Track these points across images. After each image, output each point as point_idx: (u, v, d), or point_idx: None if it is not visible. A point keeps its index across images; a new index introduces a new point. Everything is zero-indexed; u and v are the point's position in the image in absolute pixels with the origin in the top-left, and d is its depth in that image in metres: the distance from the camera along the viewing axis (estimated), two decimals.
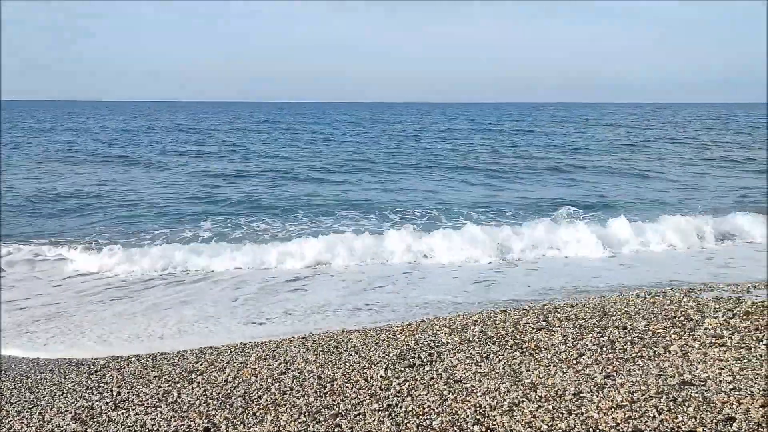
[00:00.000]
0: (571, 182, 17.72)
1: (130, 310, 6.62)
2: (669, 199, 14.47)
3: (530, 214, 12.18)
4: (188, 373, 4.57)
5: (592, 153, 25.61)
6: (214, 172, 19.46)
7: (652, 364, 4.27)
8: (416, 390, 3.98)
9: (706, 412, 3.41)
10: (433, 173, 19.50)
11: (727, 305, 5.55)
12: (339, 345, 5.03)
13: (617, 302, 5.85)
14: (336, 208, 13.15)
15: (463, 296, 6.92)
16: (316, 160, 23.05)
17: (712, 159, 23.04)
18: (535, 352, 4.59)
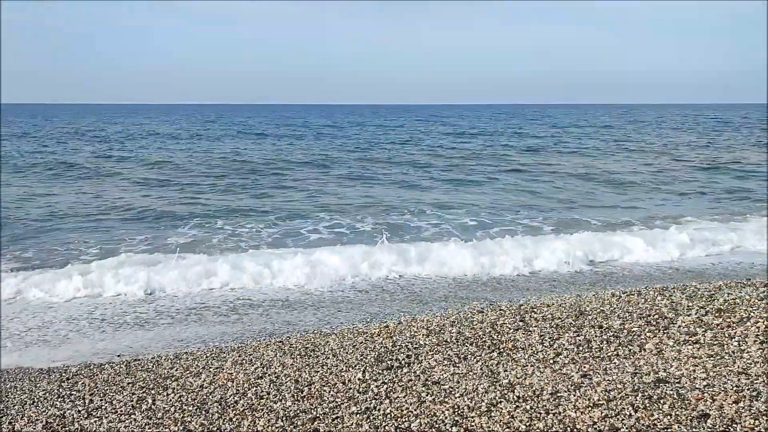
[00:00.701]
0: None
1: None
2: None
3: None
4: (163, 379, 4.50)
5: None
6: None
7: (627, 362, 4.31)
8: (394, 392, 3.96)
9: (681, 409, 3.45)
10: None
11: (700, 303, 5.63)
12: (316, 348, 4.99)
13: (593, 301, 5.90)
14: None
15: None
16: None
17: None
18: (513, 352, 4.61)
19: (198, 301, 7.15)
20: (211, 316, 6.56)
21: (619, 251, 9.38)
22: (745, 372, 3.96)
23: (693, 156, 25.46)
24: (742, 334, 4.78)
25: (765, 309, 5.33)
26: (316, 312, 6.56)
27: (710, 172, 20.79)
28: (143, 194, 15.63)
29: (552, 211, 13.52)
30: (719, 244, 10.02)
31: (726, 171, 20.78)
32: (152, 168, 21.34)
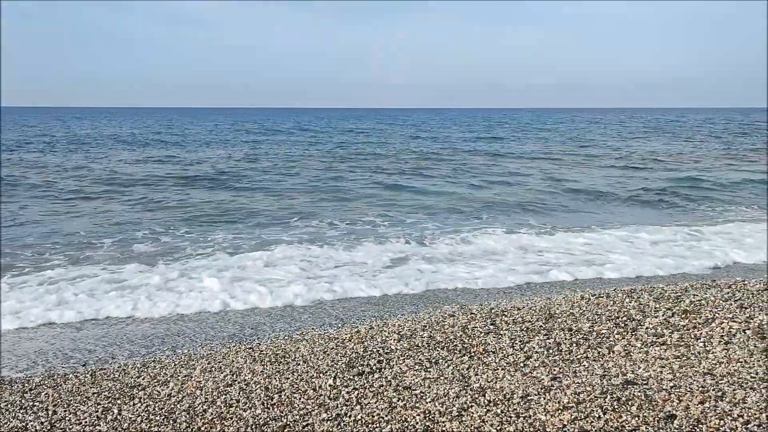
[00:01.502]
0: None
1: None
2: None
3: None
4: (129, 388, 4.41)
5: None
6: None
7: (596, 364, 4.35)
8: (365, 398, 3.94)
9: (649, 410, 3.49)
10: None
11: (667, 304, 5.71)
12: (287, 354, 4.95)
13: (563, 304, 5.95)
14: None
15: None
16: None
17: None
18: (483, 356, 4.62)
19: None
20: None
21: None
22: (710, 372, 4.03)
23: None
24: (707, 335, 4.86)
25: (729, 310, 5.43)
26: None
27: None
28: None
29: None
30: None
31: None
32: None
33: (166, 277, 7.90)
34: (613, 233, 10.89)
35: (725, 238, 10.52)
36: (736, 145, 33.09)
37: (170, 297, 7.07)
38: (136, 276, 8.02)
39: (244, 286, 7.46)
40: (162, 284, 7.59)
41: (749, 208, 14.18)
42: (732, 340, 4.73)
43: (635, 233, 10.83)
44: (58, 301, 6.92)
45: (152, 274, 8.07)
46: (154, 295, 7.17)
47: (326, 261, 8.84)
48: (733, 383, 3.80)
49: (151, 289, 7.39)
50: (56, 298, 7.00)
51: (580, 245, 9.91)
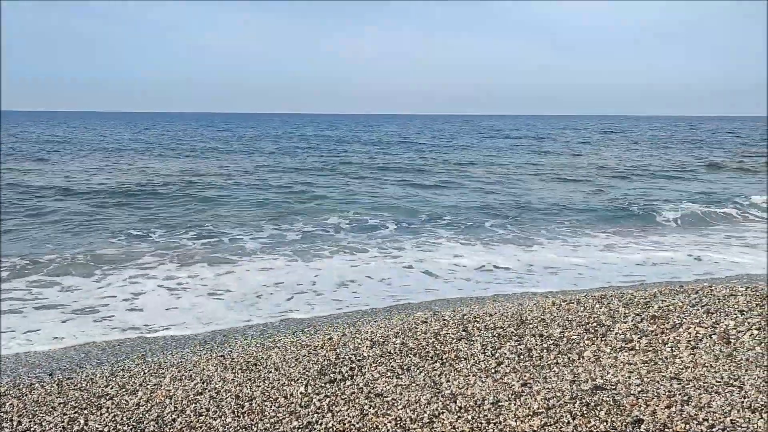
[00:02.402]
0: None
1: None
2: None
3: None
4: (97, 398, 4.33)
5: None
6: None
7: (566, 370, 4.39)
8: (337, 406, 3.93)
9: (617, 415, 3.53)
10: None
11: (636, 310, 5.79)
12: (258, 362, 4.91)
13: (534, 310, 6.00)
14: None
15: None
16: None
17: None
18: (455, 362, 4.63)
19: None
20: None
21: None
22: (677, 377, 4.10)
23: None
24: (674, 340, 4.94)
25: (696, 315, 5.53)
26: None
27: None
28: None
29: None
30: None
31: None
32: None
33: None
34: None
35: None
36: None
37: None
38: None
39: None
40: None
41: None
42: (698, 345, 4.81)
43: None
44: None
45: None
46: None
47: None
48: (698, 387, 3.86)
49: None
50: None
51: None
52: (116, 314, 7.05)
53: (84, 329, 6.51)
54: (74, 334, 6.34)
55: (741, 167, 27.04)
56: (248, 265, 9.46)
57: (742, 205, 15.86)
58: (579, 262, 9.95)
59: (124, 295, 7.83)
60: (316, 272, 9.13)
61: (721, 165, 27.66)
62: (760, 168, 26.84)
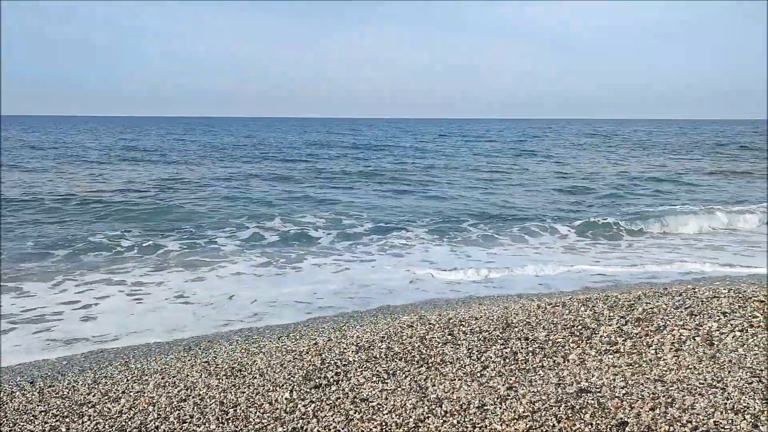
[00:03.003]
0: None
1: None
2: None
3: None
4: (79, 405, 4.28)
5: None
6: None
7: (552, 373, 4.40)
8: (322, 411, 3.91)
9: (602, 417, 3.54)
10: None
11: (621, 312, 5.82)
12: (243, 368, 4.87)
13: (519, 313, 6.01)
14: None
15: None
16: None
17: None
18: (441, 366, 4.63)
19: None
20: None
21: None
22: (660, 379, 4.11)
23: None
24: (658, 342, 4.97)
25: (680, 317, 5.56)
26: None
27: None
28: None
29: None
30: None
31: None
32: None
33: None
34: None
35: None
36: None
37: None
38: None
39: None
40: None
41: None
42: (682, 347, 4.84)
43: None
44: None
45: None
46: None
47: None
48: (682, 389, 3.88)
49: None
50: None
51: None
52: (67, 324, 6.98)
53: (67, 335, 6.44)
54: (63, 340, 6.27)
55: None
56: (229, 268, 9.41)
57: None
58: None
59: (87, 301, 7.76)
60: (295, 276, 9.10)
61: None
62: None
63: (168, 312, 7.28)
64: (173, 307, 7.48)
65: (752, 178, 24.36)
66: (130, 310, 7.34)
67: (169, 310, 7.35)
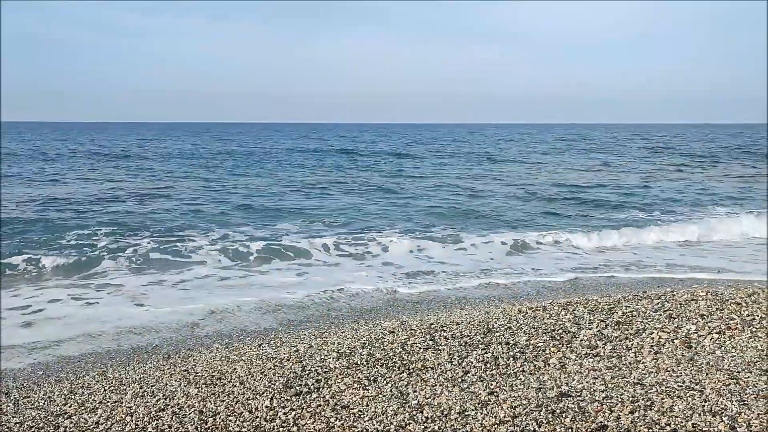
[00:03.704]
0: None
1: None
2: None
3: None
4: (55, 417, 4.21)
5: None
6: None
7: (532, 377, 4.41)
8: (302, 419, 3.88)
9: (582, 421, 3.55)
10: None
11: (601, 316, 5.86)
12: (223, 376, 4.83)
13: (500, 318, 6.02)
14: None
15: None
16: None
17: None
18: (422, 372, 4.62)
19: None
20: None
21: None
22: (640, 382, 4.14)
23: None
24: (638, 345, 5.01)
25: (659, 320, 5.61)
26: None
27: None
28: None
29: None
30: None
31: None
32: None
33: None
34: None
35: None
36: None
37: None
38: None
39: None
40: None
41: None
42: (661, 350, 4.88)
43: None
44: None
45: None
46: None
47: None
48: (661, 392, 3.91)
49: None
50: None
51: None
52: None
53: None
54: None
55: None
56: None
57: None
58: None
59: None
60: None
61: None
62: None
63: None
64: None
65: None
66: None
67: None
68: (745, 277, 8.85)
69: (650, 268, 9.80)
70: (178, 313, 7.28)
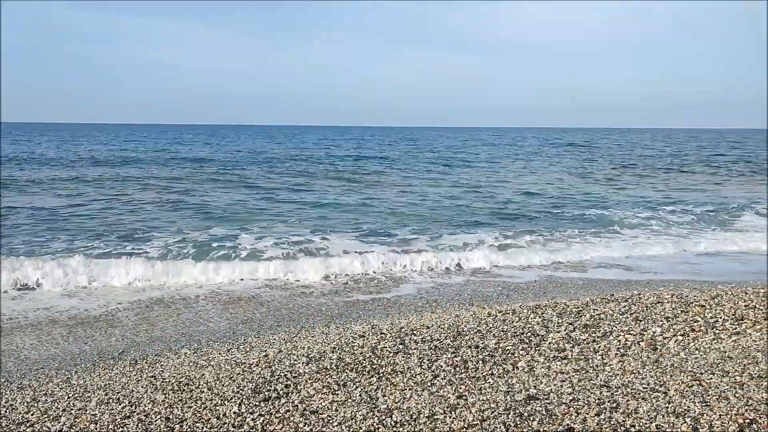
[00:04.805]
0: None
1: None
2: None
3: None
4: (16, 425, 4.11)
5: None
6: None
7: (501, 381, 4.44)
8: (271, 424, 3.85)
9: (549, 424, 3.58)
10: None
11: (569, 319, 5.93)
12: (191, 382, 4.77)
13: (470, 321, 6.06)
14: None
15: None
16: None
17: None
18: (392, 376, 4.62)
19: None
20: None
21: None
22: (606, 384, 4.20)
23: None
24: (605, 348, 5.08)
25: (625, 323, 5.70)
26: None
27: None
28: None
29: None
30: None
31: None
32: None
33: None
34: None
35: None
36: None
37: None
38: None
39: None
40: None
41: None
42: (627, 352, 4.96)
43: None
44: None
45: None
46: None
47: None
48: (626, 394, 3.97)
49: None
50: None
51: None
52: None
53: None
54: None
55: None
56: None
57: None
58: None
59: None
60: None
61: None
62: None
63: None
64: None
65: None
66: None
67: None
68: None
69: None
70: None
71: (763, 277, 8.86)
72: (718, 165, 35.10)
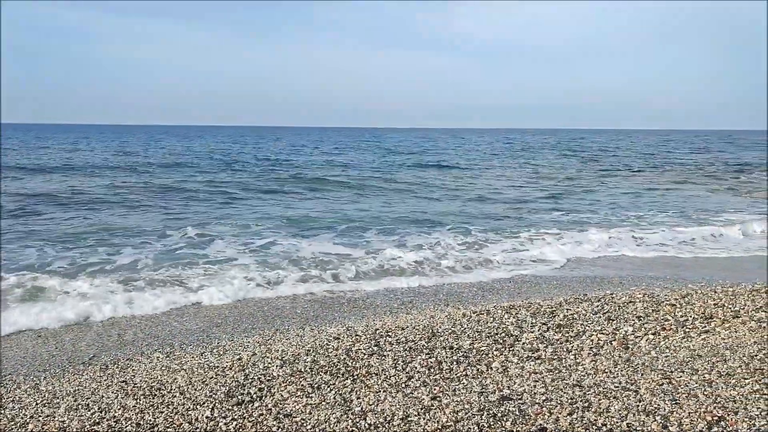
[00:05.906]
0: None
1: None
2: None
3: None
4: None
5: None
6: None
7: (475, 382, 4.46)
8: (244, 429, 3.81)
9: (522, 424, 3.60)
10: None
11: (543, 319, 5.97)
12: (162, 386, 4.70)
13: (445, 322, 6.07)
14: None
15: None
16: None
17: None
18: (366, 378, 4.61)
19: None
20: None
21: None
22: (579, 384, 4.23)
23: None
24: (578, 347, 5.12)
25: (598, 323, 5.76)
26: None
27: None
28: None
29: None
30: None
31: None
32: None
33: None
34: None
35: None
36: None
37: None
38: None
39: None
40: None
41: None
42: (600, 352, 5.01)
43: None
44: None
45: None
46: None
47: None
48: (598, 393, 4.00)
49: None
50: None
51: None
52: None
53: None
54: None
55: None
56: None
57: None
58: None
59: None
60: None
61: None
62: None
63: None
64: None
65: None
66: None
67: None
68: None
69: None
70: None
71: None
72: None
